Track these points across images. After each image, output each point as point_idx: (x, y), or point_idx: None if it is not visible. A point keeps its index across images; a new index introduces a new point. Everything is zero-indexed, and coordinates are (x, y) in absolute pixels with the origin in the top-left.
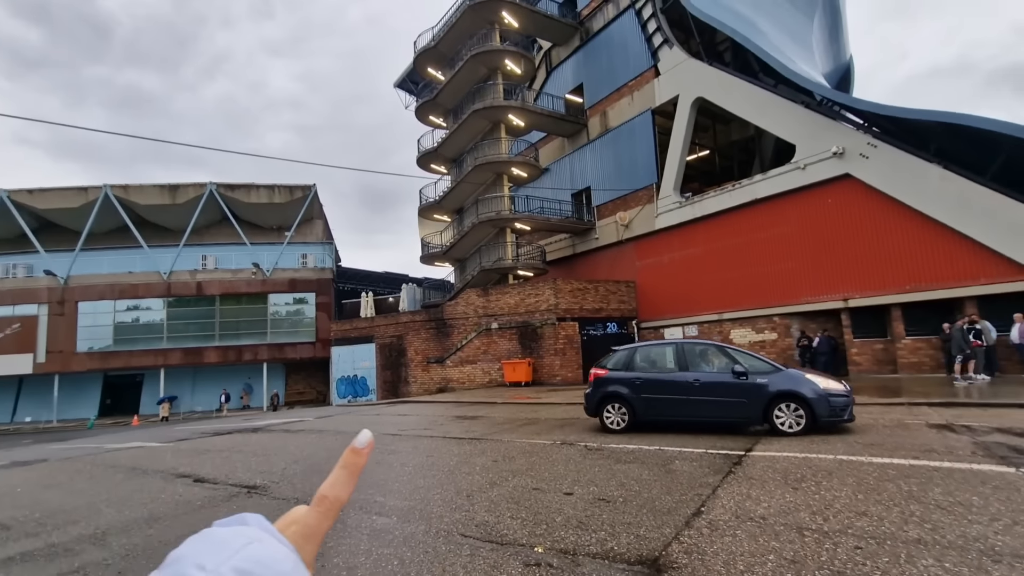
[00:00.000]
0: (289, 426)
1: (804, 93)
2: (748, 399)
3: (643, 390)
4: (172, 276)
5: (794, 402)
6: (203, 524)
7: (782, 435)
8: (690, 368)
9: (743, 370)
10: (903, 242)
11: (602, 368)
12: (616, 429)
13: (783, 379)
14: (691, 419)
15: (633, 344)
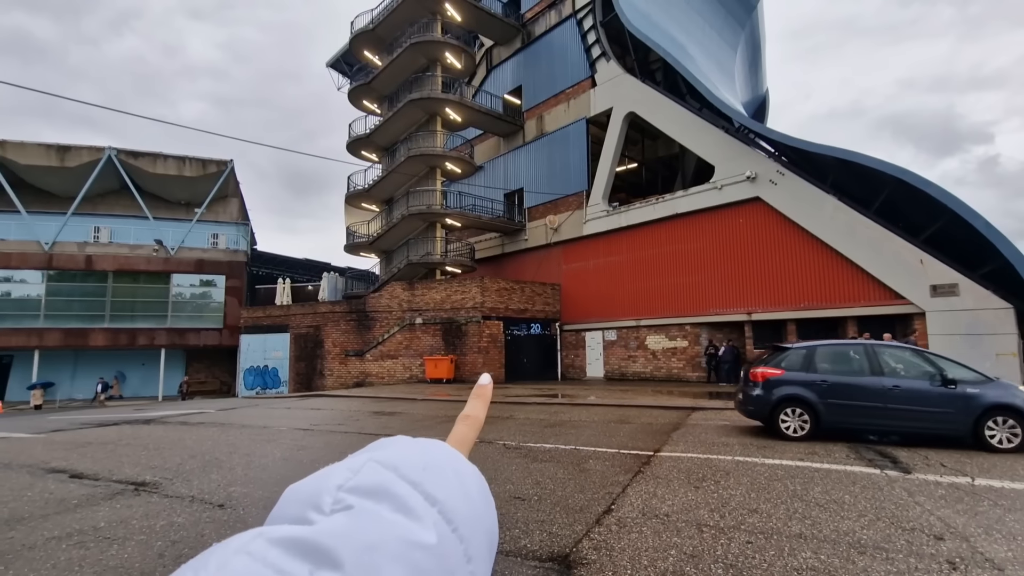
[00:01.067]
0: (187, 418)
1: (724, 119)
2: (955, 410)
3: (830, 394)
4: (55, 247)
5: (1010, 416)
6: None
7: (993, 450)
8: (884, 372)
9: (952, 378)
10: (801, 263)
11: (774, 367)
12: (794, 436)
13: (996, 390)
14: (885, 429)
15: (810, 342)
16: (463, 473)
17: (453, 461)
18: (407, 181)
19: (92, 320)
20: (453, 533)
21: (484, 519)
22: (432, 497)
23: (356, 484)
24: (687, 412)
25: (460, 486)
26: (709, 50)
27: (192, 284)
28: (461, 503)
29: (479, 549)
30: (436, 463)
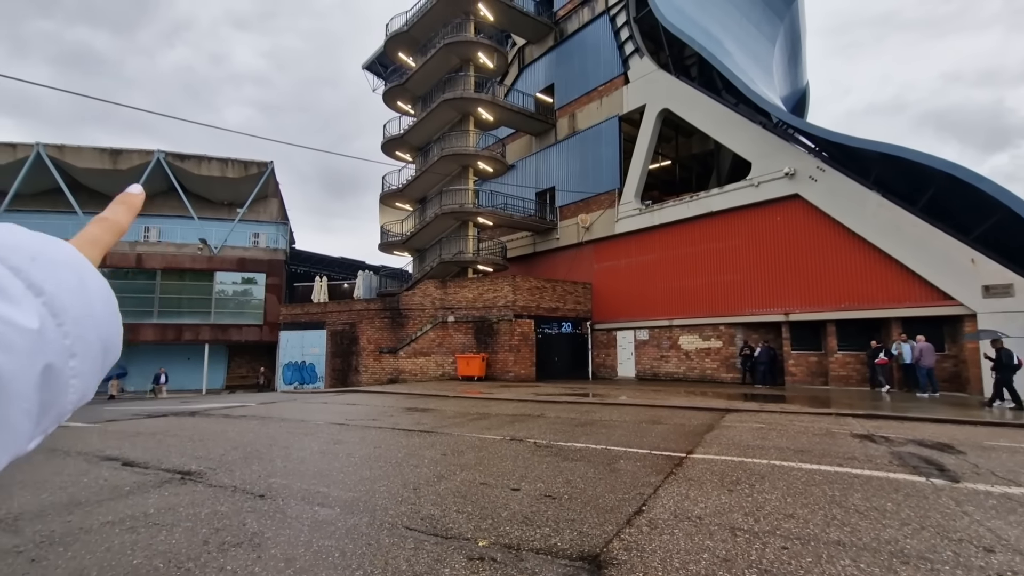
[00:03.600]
0: (230, 411)
1: (762, 114)
2: None
3: None
4: None
5: None
6: (131, 510)
7: None
8: None
9: None
10: (842, 262)
11: None
12: None
13: None
14: None
15: None
16: (85, 275)
17: (74, 260)
18: (440, 180)
19: (142, 316)
20: (58, 327)
21: (101, 326)
22: (38, 288)
23: None
24: (721, 414)
25: (77, 286)
26: (746, 44)
27: (234, 282)
28: (73, 301)
29: (88, 349)
30: (50, 257)
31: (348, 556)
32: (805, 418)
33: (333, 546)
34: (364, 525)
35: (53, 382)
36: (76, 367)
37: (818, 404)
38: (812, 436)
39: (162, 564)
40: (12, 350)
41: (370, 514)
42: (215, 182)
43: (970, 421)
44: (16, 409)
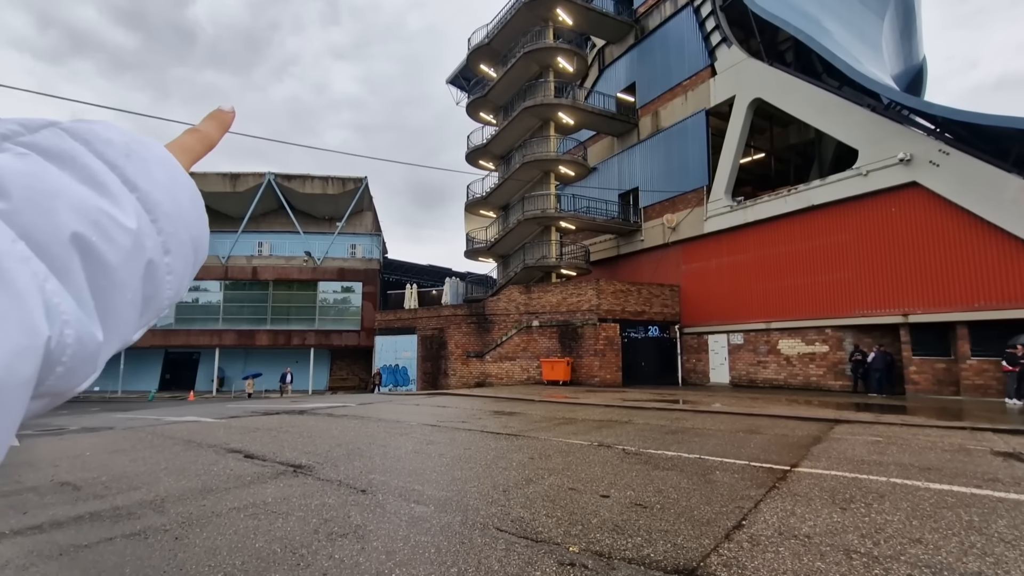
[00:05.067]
0: (333, 411)
1: (870, 96)
2: None
3: None
4: (230, 260)
5: None
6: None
7: None
8: None
9: None
10: (974, 256)
11: None
12: None
13: None
14: None
15: None
16: (176, 175)
17: (166, 159)
18: (522, 187)
19: (257, 323)
20: (152, 223)
21: (191, 224)
22: (132, 183)
23: (31, 142)
24: (829, 425)
25: (168, 183)
26: (849, 21)
27: (335, 290)
28: (165, 198)
29: (180, 247)
30: (143, 154)
31: (443, 553)
32: (932, 432)
33: (429, 542)
34: (457, 524)
35: (153, 277)
36: (170, 263)
37: (948, 416)
38: (941, 452)
39: (279, 549)
40: (117, 244)
41: (462, 513)
42: (317, 198)
43: None
44: (122, 299)
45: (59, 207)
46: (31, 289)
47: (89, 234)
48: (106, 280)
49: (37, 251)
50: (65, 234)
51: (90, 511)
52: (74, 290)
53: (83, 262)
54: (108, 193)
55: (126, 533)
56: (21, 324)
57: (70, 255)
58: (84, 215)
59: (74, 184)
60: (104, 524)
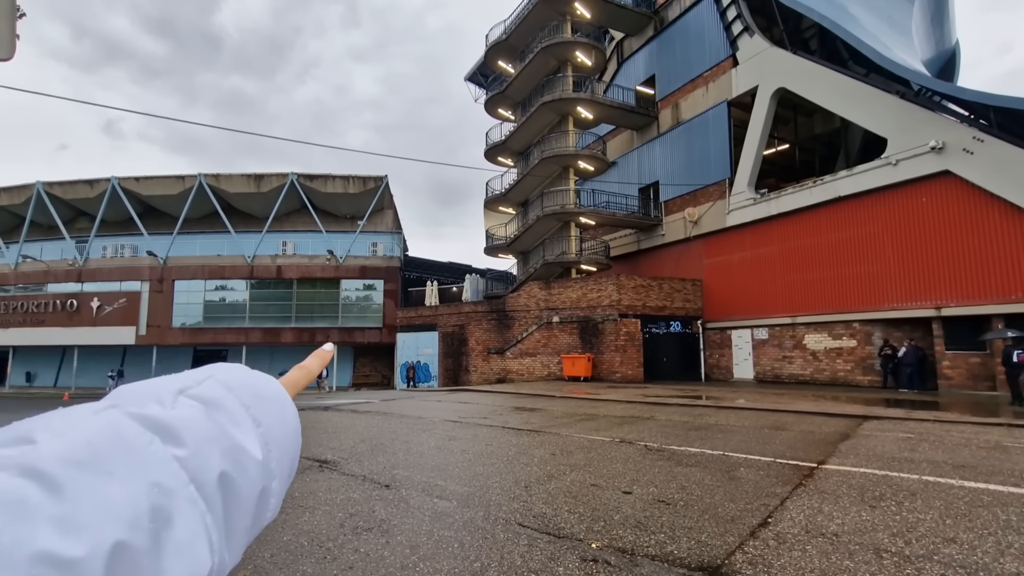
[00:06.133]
0: (356, 407)
1: (899, 82)
2: None
3: None
4: (255, 260)
5: None
6: None
7: None
8: None
9: None
10: (1010, 246)
11: None
12: None
13: None
14: None
15: None
16: (285, 408)
17: (280, 396)
18: (541, 182)
19: (282, 320)
20: (268, 454)
21: (292, 451)
22: (258, 420)
23: (198, 393)
24: (858, 421)
25: (281, 418)
26: (877, 6)
27: (357, 288)
28: (279, 431)
29: (283, 472)
30: (266, 394)
31: (466, 548)
32: (966, 428)
33: (452, 537)
34: (480, 519)
35: (263, 501)
36: (276, 488)
37: (983, 412)
38: (977, 449)
39: (307, 542)
40: (247, 476)
41: (485, 509)
42: (338, 198)
43: None
44: (242, 525)
45: (214, 450)
46: (200, 526)
47: (232, 471)
48: (236, 509)
49: (200, 491)
50: (216, 473)
51: None
52: (218, 521)
53: (224, 496)
54: (244, 431)
55: None
56: (194, 558)
57: (217, 492)
58: (229, 455)
59: (223, 428)
60: None
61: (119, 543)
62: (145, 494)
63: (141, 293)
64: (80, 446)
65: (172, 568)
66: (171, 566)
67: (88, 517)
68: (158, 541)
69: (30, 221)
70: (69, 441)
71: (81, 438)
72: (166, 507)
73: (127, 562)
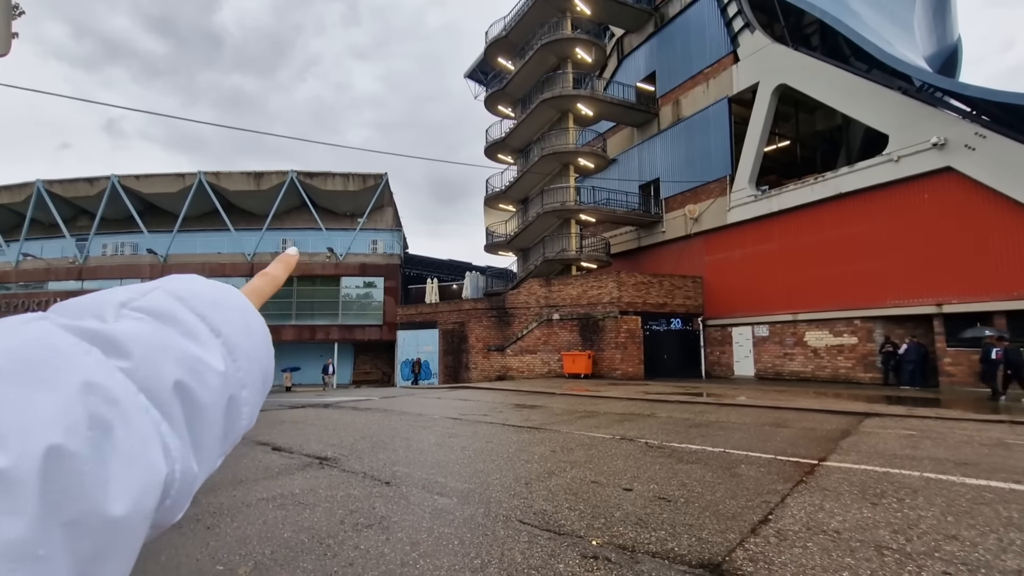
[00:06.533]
0: (357, 404)
1: (901, 78)
2: None
3: None
4: (255, 257)
5: None
6: (280, 489)
7: None
8: None
9: None
10: (1012, 243)
11: None
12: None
13: None
14: None
15: None
16: (249, 316)
17: (241, 304)
18: (541, 180)
19: (283, 318)
20: (233, 363)
21: (262, 360)
22: (217, 330)
23: (143, 305)
24: (859, 418)
25: (245, 326)
26: (878, 1)
27: (357, 286)
28: (242, 340)
29: (254, 381)
30: (224, 303)
31: (467, 544)
32: (968, 425)
33: (452, 534)
34: (480, 516)
35: (233, 411)
36: (247, 397)
37: (985, 409)
38: (978, 447)
39: (307, 539)
40: (208, 386)
41: (485, 505)
42: (338, 195)
43: None
44: (211, 434)
45: (166, 360)
46: (152, 434)
47: (188, 380)
48: (199, 418)
49: (152, 400)
50: (170, 383)
51: None
52: (178, 430)
53: (183, 405)
54: (200, 342)
55: None
56: (146, 465)
57: (174, 400)
58: (184, 364)
59: (175, 337)
60: None
61: (53, 447)
62: (81, 401)
63: None
64: (8, 357)
65: (119, 473)
66: (118, 471)
67: (10, 427)
68: (99, 447)
69: (30, 219)
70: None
71: (9, 349)
72: (107, 415)
73: (66, 467)
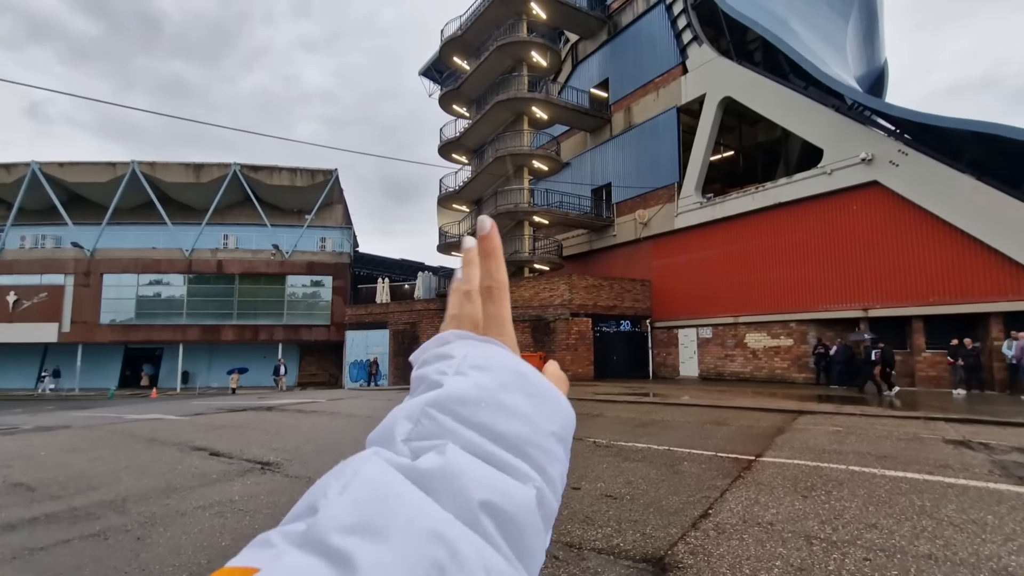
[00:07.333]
0: (302, 407)
1: (835, 96)
2: None
3: None
4: (194, 253)
5: None
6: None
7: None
8: None
9: None
10: (929, 254)
11: None
12: None
13: None
14: None
15: None
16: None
17: (506, 371)
18: (495, 181)
19: (223, 317)
20: (526, 462)
21: (547, 422)
22: (493, 433)
23: (419, 434)
24: (793, 416)
25: (519, 398)
26: (815, 23)
27: (303, 284)
28: (521, 425)
29: (549, 456)
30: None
31: None
32: (888, 422)
33: None
34: None
35: (543, 500)
36: (551, 477)
37: (903, 407)
38: (897, 441)
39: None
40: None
41: None
42: (285, 191)
43: None
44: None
45: (465, 484)
46: (477, 564)
47: (492, 498)
48: (514, 527)
49: (470, 526)
50: (475, 505)
51: (46, 512)
52: (499, 549)
53: (494, 522)
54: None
55: (84, 534)
56: None
57: (484, 520)
58: (481, 483)
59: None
60: (61, 526)
61: None
62: (426, 550)
63: (65, 287)
64: (358, 510)
65: None
66: None
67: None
68: None
69: None
70: (348, 505)
71: (357, 501)
72: (442, 559)
73: None
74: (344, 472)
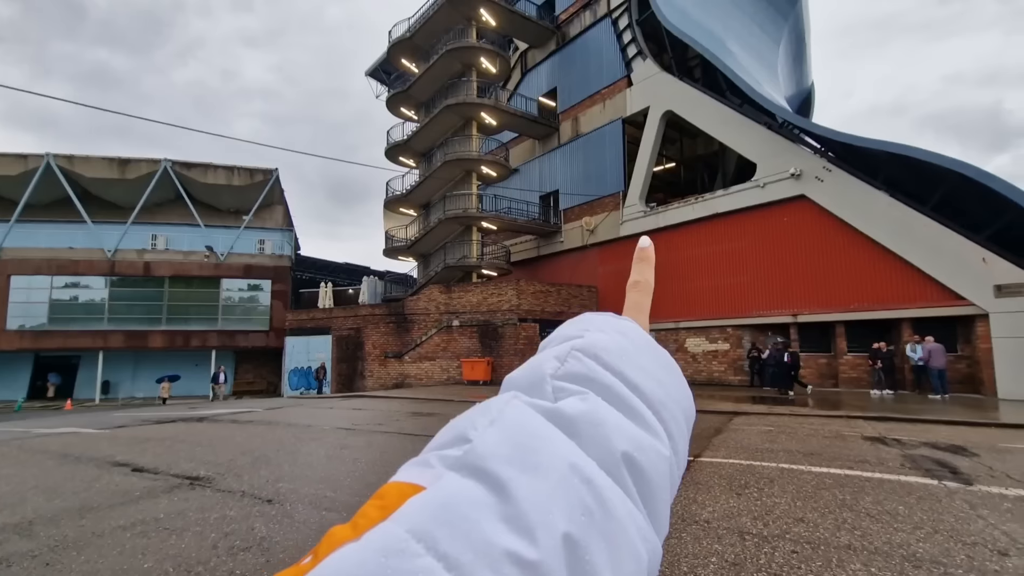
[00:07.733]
0: (237, 416)
1: (767, 114)
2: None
3: None
4: (117, 254)
5: None
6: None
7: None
8: None
9: None
10: (850, 263)
11: None
12: None
13: None
14: None
15: None
16: (653, 350)
17: (643, 339)
18: (443, 185)
19: (151, 323)
20: (660, 424)
21: (677, 395)
22: (633, 384)
23: (565, 372)
24: (729, 417)
25: (654, 365)
26: (750, 44)
27: (240, 288)
28: (656, 386)
29: (678, 428)
30: (630, 346)
31: None
32: (815, 421)
33: None
34: None
35: (668, 465)
36: (675, 446)
37: (828, 406)
38: (822, 439)
39: (172, 568)
40: (649, 452)
41: None
42: (221, 190)
43: (985, 423)
44: (662, 502)
45: (609, 433)
46: (624, 513)
47: (632, 452)
48: (649, 488)
49: (612, 476)
50: (618, 455)
51: None
52: (637, 505)
53: (632, 478)
54: (630, 407)
55: None
56: (632, 551)
57: (624, 473)
58: (624, 435)
59: (610, 411)
60: None
61: (567, 536)
62: (571, 486)
63: None
64: (509, 443)
65: (612, 561)
66: (611, 559)
67: (535, 518)
68: (591, 534)
69: None
70: (499, 438)
71: (508, 435)
72: (588, 500)
73: (576, 557)
74: (489, 409)
